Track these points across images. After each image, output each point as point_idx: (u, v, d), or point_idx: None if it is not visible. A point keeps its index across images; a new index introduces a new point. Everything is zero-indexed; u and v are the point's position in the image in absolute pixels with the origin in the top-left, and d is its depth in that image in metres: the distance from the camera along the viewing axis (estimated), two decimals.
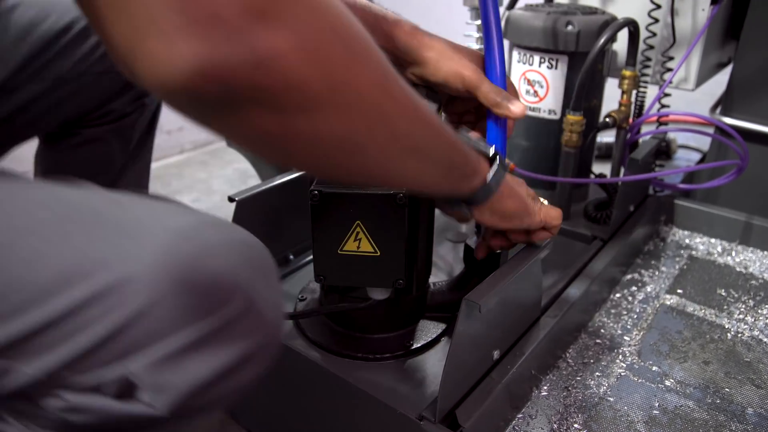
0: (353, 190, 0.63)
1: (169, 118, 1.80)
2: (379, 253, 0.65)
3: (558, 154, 1.05)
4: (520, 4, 1.15)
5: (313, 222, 0.65)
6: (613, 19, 1.03)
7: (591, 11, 1.04)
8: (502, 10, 1.12)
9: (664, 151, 1.63)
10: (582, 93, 0.99)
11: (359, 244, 0.65)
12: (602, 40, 0.95)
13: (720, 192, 1.17)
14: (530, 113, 1.07)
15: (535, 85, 1.05)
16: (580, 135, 1.01)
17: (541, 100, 1.05)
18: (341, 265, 0.66)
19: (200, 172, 1.74)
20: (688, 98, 1.31)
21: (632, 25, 1.00)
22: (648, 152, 1.02)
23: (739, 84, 1.14)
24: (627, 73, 1.04)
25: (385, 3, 0.66)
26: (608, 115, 1.04)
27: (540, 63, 1.03)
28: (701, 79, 1.15)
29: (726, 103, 1.16)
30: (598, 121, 1.10)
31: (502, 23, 1.10)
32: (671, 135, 1.82)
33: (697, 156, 1.75)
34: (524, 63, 1.06)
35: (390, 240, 0.65)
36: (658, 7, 1.07)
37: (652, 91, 1.11)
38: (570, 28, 0.99)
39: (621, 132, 1.07)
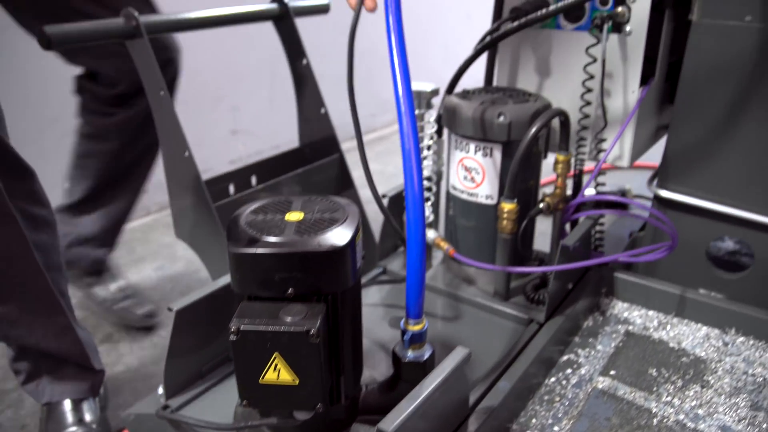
0: (269, 328, 0.66)
1: None
2: (297, 382, 0.68)
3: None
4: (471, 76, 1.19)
5: (234, 354, 0.68)
6: (545, 107, 1.07)
7: (523, 98, 1.08)
8: (440, 96, 1.16)
9: (621, 204, 1.67)
10: (515, 182, 1.03)
11: (278, 374, 0.68)
12: (532, 132, 0.99)
13: (658, 264, 1.21)
14: (468, 198, 1.11)
15: (472, 172, 1.09)
16: (514, 222, 1.05)
17: (477, 186, 1.09)
18: (263, 392, 0.69)
19: (166, 236, 1.77)
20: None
21: (562, 115, 1.04)
22: (580, 237, 1.06)
23: (674, 157, 1.18)
24: (560, 157, 1.08)
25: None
26: (542, 200, 1.08)
27: (475, 151, 1.08)
28: (636, 155, 1.19)
29: (662, 175, 1.20)
30: (536, 200, 1.14)
31: (441, 107, 1.15)
32: (627, 185, 1.87)
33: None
34: (461, 150, 1.10)
35: (307, 371, 0.68)
36: (590, 90, 1.12)
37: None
38: (501, 119, 1.03)
39: (557, 214, 1.11)
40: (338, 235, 0.71)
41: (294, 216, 0.75)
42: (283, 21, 1.21)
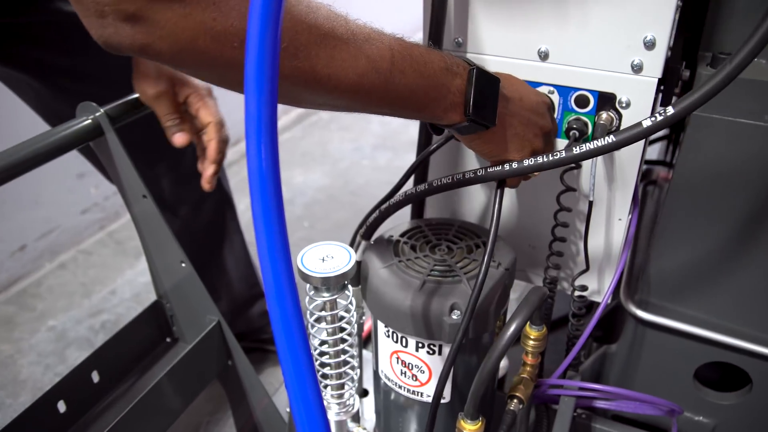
0: None
1: None
2: None
3: None
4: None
5: None
6: (509, 268, 0.74)
7: (478, 259, 0.74)
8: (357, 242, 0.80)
9: None
10: (479, 394, 0.71)
11: None
12: (501, 347, 0.67)
13: (640, 384, 0.97)
14: (409, 395, 0.79)
15: (413, 369, 0.76)
16: None
17: (423, 385, 0.77)
18: None
19: (5, 343, 1.35)
20: None
21: (549, 297, 0.72)
22: None
23: (657, 275, 0.90)
24: (532, 333, 0.77)
25: None
26: (511, 393, 0.78)
27: (417, 348, 0.74)
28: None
29: (642, 292, 0.93)
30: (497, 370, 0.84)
31: (359, 254, 0.80)
32: None
33: None
34: (393, 341, 0.76)
35: None
36: (566, 226, 0.80)
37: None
38: (455, 316, 0.69)
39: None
40: None
41: None
42: (103, 138, 0.79)
